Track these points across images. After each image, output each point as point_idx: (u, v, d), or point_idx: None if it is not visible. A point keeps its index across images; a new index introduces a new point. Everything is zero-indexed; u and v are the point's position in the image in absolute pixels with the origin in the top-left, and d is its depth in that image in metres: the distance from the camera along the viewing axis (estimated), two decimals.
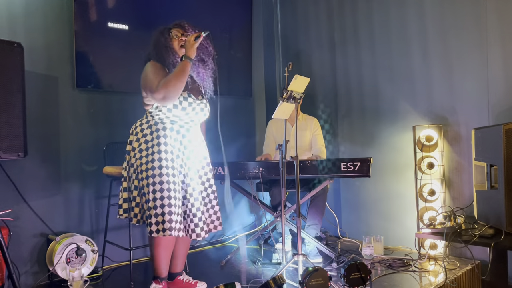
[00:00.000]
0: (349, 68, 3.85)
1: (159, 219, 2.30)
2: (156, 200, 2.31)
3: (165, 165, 2.35)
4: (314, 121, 3.63)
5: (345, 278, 2.31)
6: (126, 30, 3.29)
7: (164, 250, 2.43)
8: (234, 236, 4.00)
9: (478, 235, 2.51)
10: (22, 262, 2.78)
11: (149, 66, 2.44)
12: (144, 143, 2.40)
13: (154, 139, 2.39)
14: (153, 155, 2.36)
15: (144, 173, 2.36)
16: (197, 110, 2.48)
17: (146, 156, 2.38)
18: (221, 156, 2.59)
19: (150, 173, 2.34)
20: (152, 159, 2.35)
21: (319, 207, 3.32)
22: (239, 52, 4.13)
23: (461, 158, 3.16)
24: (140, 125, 2.47)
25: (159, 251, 2.42)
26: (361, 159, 2.98)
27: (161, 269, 2.45)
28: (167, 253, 2.47)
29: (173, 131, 2.43)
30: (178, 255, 2.61)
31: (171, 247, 2.49)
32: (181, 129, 2.47)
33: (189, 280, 2.62)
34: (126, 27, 3.29)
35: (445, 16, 3.21)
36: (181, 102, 2.39)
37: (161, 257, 2.44)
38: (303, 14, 4.23)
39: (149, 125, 2.43)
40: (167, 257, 2.48)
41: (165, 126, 2.42)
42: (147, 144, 2.40)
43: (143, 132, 2.43)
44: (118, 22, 3.24)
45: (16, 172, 2.74)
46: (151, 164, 2.34)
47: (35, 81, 2.87)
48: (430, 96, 3.32)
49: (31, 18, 2.88)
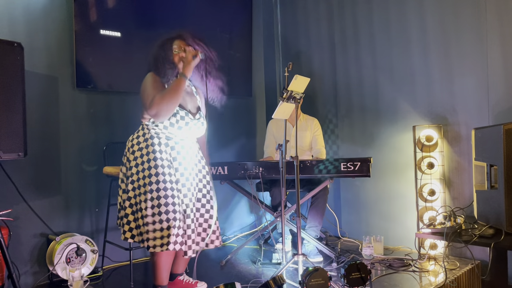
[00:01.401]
0: (349, 68, 3.85)
1: (157, 234, 2.26)
2: (154, 216, 2.27)
3: (162, 179, 2.31)
4: (314, 122, 3.64)
5: (345, 278, 2.31)
6: (126, 30, 3.29)
7: (166, 258, 2.39)
8: (234, 236, 4.00)
9: (478, 235, 2.50)
10: (22, 262, 2.78)
11: (148, 78, 2.40)
12: (140, 157, 2.36)
13: (150, 154, 2.35)
14: (149, 170, 2.32)
15: (142, 188, 2.31)
16: (194, 129, 2.46)
17: (142, 171, 2.34)
18: (221, 156, 2.58)
19: (148, 188, 2.29)
20: (149, 174, 2.31)
21: (319, 208, 3.32)
22: (239, 52, 4.13)
23: (461, 158, 3.17)
24: (137, 137, 2.43)
25: (160, 260, 2.37)
26: (361, 159, 2.98)
27: (163, 278, 2.40)
28: (168, 261, 2.42)
29: (168, 146, 2.40)
30: (180, 256, 2.58)
31: (172, 255, 2.44)
32: (175, 146, 2.42)
33: (189, 280, 2.62)
34: (126, 27, 3.29)
35: (445, 16, 3.21)
36: (178, 121, 2.36)
37: (162, 266, 2.38)
38: (303, 14, 4.23)
39: (145, 138, 2.39)
40: (168, 265, 2.43)
41: (160, 141, 2.39)
42: (143, 158, 2.35)
43: (139, 146, 2.39)
44: (118, 22, 3.24)
45: (16, 172, 2.74)
46: (148, 179, 2.31)
47: (35, 81, 2.87)
48: (430, 96, 3.32)
49: (31, 18, 2.88)
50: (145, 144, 2.38)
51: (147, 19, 3.41)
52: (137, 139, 2.42)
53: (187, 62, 2.36)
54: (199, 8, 3.73)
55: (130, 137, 2.47)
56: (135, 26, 3.35)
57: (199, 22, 3.73)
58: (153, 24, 3.43)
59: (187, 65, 2.36)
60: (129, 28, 3.31)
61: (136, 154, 2.38)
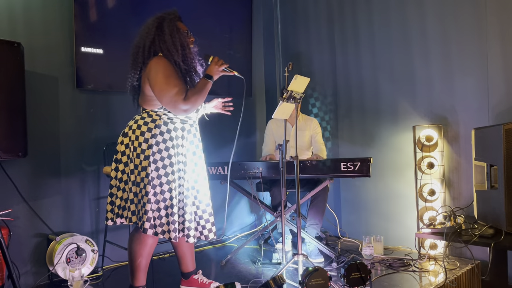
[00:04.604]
0: (349, 68, 3.85)
1: (164, 220, 2.27)
2: (158, 203, 2.26)
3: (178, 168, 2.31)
4: (313, 122, 3.64)
5: (345, 278, 2.31)
6: (126, 30, 3.29)
7: (150, 250, 2.35)
8: (234, 236, 4.00)
9: (478, 235, 2.50)
10: (22, 262, 2.78)
11: (162, 65, 2.24)
12: (155, 145, 2.26)
13: (168, 141, 2.29)
14: (170, 158, 2.28)
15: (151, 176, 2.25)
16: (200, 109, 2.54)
17: (161, 160, 2.27)
18: (220, 156, 2.58)
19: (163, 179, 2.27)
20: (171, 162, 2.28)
21: (319, 207, 3.32)
22: (239, 52, 4.13)
23: (461, 158, 3.16)
24: (144, 124, 2.29)
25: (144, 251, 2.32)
26: (361, 159, 2.98)
27: (140, 277, 2.36)
28: (149, 257, 2.38)
29: (184, 130, 2.37)
30: (186, 254, 2.58)
31: (151, 253, 2.40)
32: (191, 128, 2.42)
33: (203, 280, 2.62)
34: (126, 27, 3.29)
35: (445, 16, 3.21)
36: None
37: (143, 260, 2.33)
38: (303, 14, 4.23)
39: (156, 125, 2.29)
40: (147, 261, 2.38)
41: (176, 126, 2.34)
42: (159, 146, 2.27)
43: (151, 133, 2.27)
44: (118, 22, 3.24)
45: (16, 172, 2.75)
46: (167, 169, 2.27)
47: (35, 81, 2.87)
48: (430, 96, 3.32)
49: (31, 18, 2.88)
50: (159, 131, 2.28)
51: (147, 18, 3.40)
52: (146, 125, 2.29)
53: (218, 65, 2.34)
54: (199, 8, 3.73)
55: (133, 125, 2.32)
56: (135, 26, 3.34)
57: (199, 22, 3.72)
58: None
59: (216, 69, 2.34)
60: (129, 27, 3.31)
61: (150, 142, 2.26)
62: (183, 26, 2.39)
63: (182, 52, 2.31)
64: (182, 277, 2.63)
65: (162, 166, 2.28)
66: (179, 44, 2.30)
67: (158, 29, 2.32)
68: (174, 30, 2.32)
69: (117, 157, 2.36)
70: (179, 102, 2.23)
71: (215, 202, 3.90)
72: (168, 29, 2.31)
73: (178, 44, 2.30)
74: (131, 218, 2.32)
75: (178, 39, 2.31)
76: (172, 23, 2.33)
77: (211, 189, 2.56)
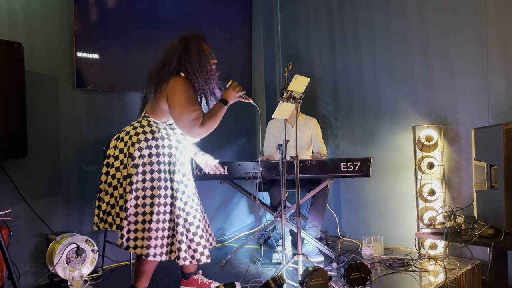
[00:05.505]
0: (349, 68, 3.85)
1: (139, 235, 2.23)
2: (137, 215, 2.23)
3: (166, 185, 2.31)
4: (313, 122, 3.64)
5: (345, 278, 2.31)
6: (126, 30, 3.29)
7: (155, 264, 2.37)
8: (234, 236, 4.00)
9: (478, 235, 2.50)
10: (22, 262, 2.78)
11: (186, 88, 2.27)
12: (147, 156, 2.27)
13: (161, 156, 2.30)
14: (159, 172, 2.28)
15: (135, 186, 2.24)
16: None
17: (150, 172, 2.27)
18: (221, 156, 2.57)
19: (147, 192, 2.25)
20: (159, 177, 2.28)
21: (319, 208, 3.32)
22: (239, 52, 4.13)
23: (461, 158, 3.16)
24: (143, 132, 2.30)
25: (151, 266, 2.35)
26: (361, 159, 2.98)
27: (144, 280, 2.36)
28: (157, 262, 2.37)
29: (177, 150, 2.38)
30: None
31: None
32: (184, 150, 2.42)
33: (203, 280, 2.62)
34: (126, 27, 3.29)
35: (445, 16, 3.21)
36: None
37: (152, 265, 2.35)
38: (303, 15, 4.23)
39: (154, 137, 2.30)
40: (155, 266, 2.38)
41: (171, 144, 2.35)
42: (151, 158, 2.28)
43: (147, 143, 2.29)
44: (118, 22, 3.24)
45: (16, 172, 2.74)
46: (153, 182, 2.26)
47: (35, 81, 2.87)
48: (430, 96, 3.32)
49: (31, 18, 2.88)
50: (155, 143, 2.30)
51: (147, 18, 3.41)
52: (144, 134, 2.30)
53: (235, 91, 2.39)
54: (199, 8, 3.73)
55: (130, 131, 2.33)
56: (135, 26, 3.35)
57: (199, 22, 3.72)
58: (153, 24, 3.42)
59: (233, 95, 2.39)
60: (129, 27, 3.31)
61: (144, 152, 2.27)
62: (207, 47, 2.42)
63: (205, 75, 2.35)
64: (182, 277, 2.63)
65: (150, 179, 2.27)
66: (204, 66, 2.35)
67: (185, 49, 2.35)
68: (200, 51, 2.36)
69: (109, 161, 2.35)
70: (196, 127, 2.27)
71: (214, 202, 3.93)
72: (194, 50, 2.35)
73: (203, 66, 2.34)
74: (111, 223, 2.32)
75: (203, 61, 2.35)
76: (198, 44, 2.37)
77: (211, 189, 2.56)
